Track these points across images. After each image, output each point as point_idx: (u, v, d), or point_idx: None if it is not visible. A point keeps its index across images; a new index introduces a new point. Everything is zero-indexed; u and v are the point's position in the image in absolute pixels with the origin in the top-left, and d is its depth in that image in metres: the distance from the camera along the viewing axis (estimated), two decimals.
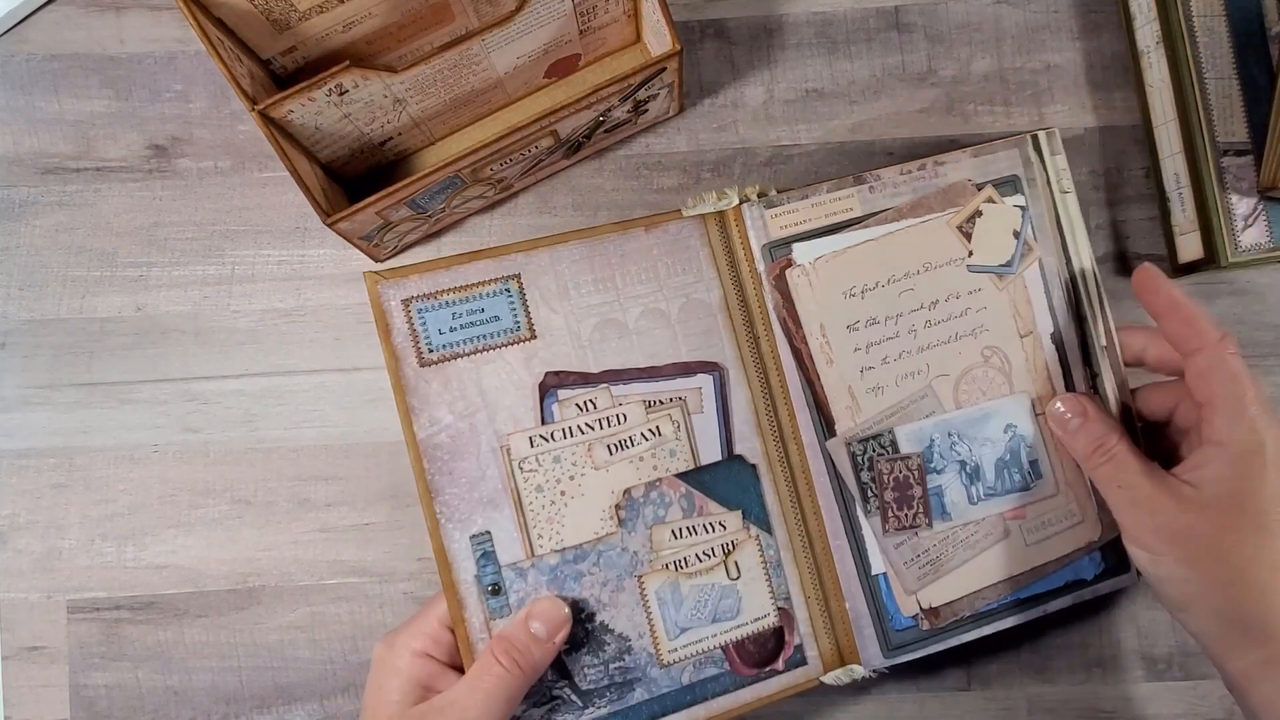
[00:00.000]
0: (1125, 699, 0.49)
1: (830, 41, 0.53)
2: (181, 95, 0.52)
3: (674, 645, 0.43)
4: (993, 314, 0.45)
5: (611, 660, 0.42)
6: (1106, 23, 0.53)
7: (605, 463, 0.43)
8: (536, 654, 0.39)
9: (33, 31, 0.52)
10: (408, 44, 0.47)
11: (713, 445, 0.44)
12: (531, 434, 0.42)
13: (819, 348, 0.44)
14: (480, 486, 0.41)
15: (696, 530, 0.43)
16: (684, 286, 0.44)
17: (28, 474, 0.49)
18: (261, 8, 0.41)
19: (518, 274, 0.43)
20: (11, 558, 0.49)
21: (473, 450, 0.41)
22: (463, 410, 0.41)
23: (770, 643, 0.44)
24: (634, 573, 0.42)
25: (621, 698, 0.42)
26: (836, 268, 0.45)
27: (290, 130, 0.43)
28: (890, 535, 0.44)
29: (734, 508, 0.44)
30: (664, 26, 0.44)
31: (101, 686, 0.48)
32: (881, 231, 0.45)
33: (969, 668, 0.49)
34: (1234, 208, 0.47)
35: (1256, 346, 0.51)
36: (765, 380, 0.44)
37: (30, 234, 0.50)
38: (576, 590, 0.42)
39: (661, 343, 0.44)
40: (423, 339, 0.41)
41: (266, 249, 0.51)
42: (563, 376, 0.42)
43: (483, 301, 0.42)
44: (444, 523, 0.41)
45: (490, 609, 0.41)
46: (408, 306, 0.41)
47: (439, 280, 0.42)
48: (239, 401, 0.50)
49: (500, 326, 0.42)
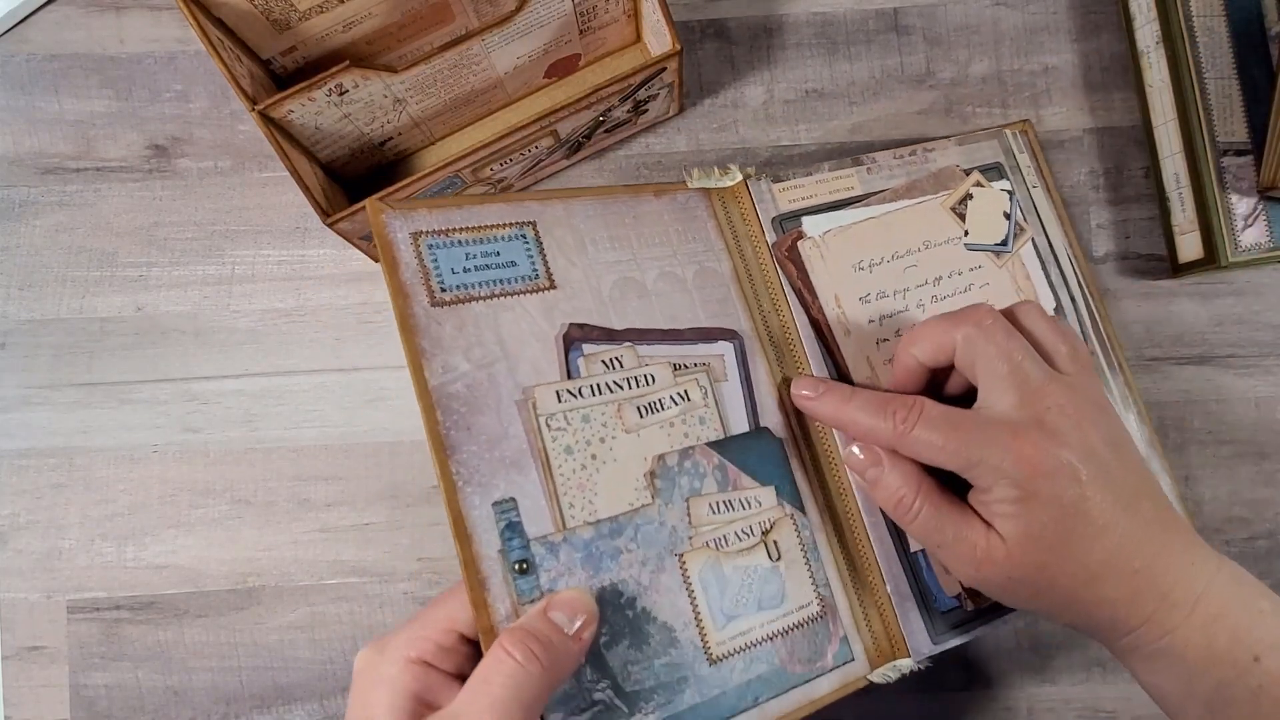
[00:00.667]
0: (1125, 699, 0.49)
1: (830, 42, 0.53)
2: (181, 95, 0.52)
3: (722, 637, 0.38)
4: (996, 289, 0.46)
5: (657, 655, 0.36)
6: (1105, 24, 0.53)
7: (636, 426, 0.39)
8: (559, 646, 0.33)
9: (33, 31, 0.52)
10: (408, 44, 0.47)
11: (739, 415, 0.41)
12: (559, 388, 0.38)
13: (836, 318, 0.44)
14: (502, 445, 0.36)
15: (733, 505, 0.40)
16: (696, 254, 0.43)
17: (28, 474, 0.49)
18: (261, 8, 0.41)
19: (533, 221, 0.40)
20: (11, 558, 0.49)
21: (492, 403, 0.36)
22: (480, 358, 0.37)
23: (817, 635, 0.40)
24: (674, 550, 0.38)
25: (671, 700, 0.36)
26: (844, 242, 0.45)
27: (290, 130, 0.43)
28: None
29: (766, 483, 0.41)
30: (664, 26, 0.44)
31: (101, 686, 0.48)
32: (881, 210, 0.46)
33: (969, 668, 0.49)
34: (1234, 208, 0.47)
35: (1257, 346, 0.51)
36: (779, 352, 0.43)
37: (30, 234, 0.51)
38: (614, 571, 0.37)
39: (680, 306, 0.42)
40: (434, 276, 0.37)
41: (266, 249, 0.51)
42: (587, 330, 0.39)
43: (498, 245, 0.39)
44: (462, 486, 0.35)
45: (519, 590, 0.35)
46: (417, 240, 0.37)
47: (451, 218, 0.38)
48: (239, 401, 0.50)
49: (518, 273, 0.39)
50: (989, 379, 0.38)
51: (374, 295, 0.51)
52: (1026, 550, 0.35)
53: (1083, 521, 0.35)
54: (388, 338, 0.50)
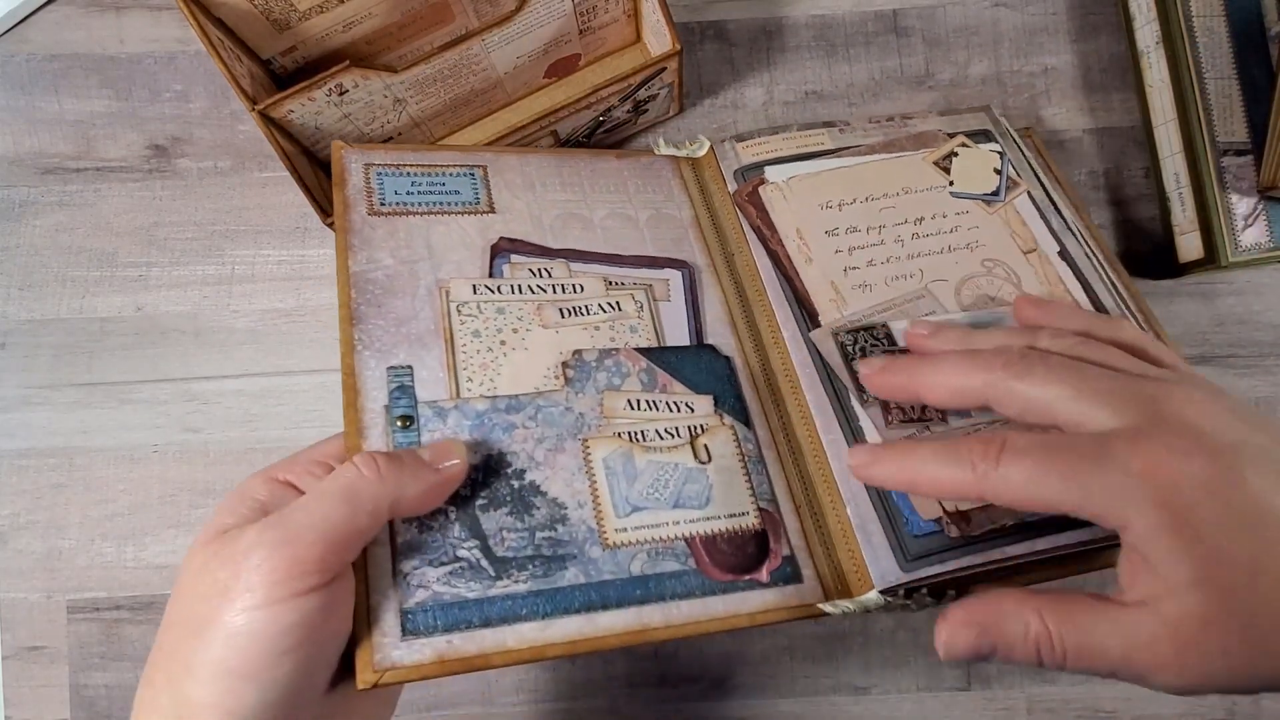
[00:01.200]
0: (1125, 699, 0.49)
1: (829, 44, 0.53)
2: (181, 95, 0.52)
3: (623, 524, 0.35)
4: (987, 232, 0.42)
5: (540, 528, 0.34)
6: (1104, 25, 0.53)
7: (555, 324, 0.38)
8: (409, 468, 0.32)
9: (33, 31, 0.52)
10: (408, 44, 0.47)
11: (680, 333, 0.40)
12: (475, 282, 0.38)
13: (796, 249, 0.42)
14: (410, 325, 0.37)
15: (658, 406, 0.38)
16: (653, 202, 0.43)
17: (28, 474, 0.49)
18: (261, 8, 0.41)
19: (484, 165, 0.42)
20: (11, 558, 0.49)
21: (409, 291, 0.37)
22: (405, 257, 0.38)
23: (750, 548, 0.36)
24: (578, 435, 0.36)
25: (548, 574, 0.33)
26: (811, 186, 0.43)
27: (290, 130, 0.43)
28: (895, 428, 0.37)
29: (704, 393, 0.39)
30: (664, 27, 0.44)
31: (101, 686, 0.48)
32: (854, 162, 0.44)
33: (969, 668, 0.49)
34: (1234, 208, 0.47)
35: (1256, 346, 0.51)
36: (739, 287, 0.42)
37: (30, 234, 0.51)
38: (505, 443, 0.35)
39: (628, 240, 0.41)
40: (376, 194, 0.40)
41: (266, 249, 0.51)
42: (518, 244, 0.40)
43: (444, 178, 0.41)
44: (361, 350, 0.36)
45: (396, 443, 0.34)
46: (368, 169, 0.40)
47: (404, 157, 0.41)
48: (239, 401, 0.50)
49: (459, 199, 0.40)
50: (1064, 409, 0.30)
51: None
52: (1207, 596, 0.26)
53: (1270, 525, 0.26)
54: None
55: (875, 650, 0.49)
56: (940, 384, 0.34)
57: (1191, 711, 0.49)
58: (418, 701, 0.48)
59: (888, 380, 0.36)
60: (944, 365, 0.34)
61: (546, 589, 0.33)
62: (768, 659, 0.49)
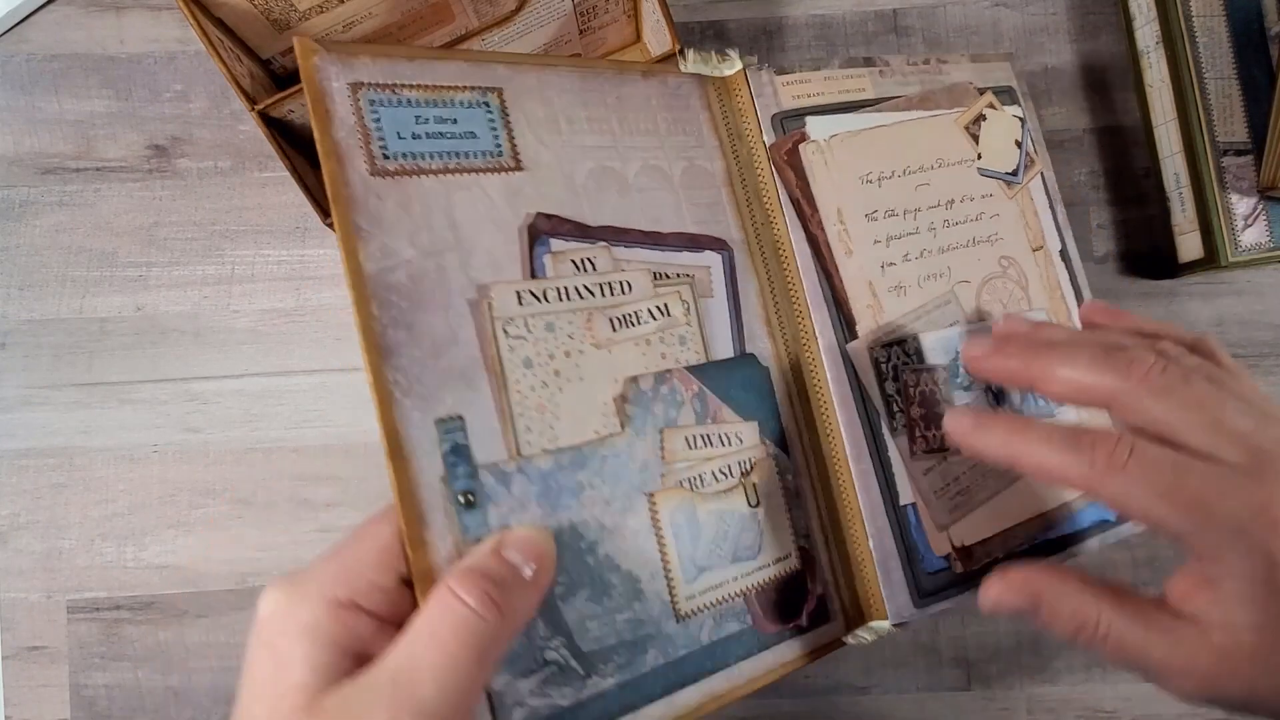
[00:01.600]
0: (1125, 699, 0.49)
1: (829, 44, 0.53)
2: (181, 95, 0.52)
3: (691, 590, 0.33)
4: (1005, 222, 0.43)
5: (619, 609, 0.31)
6: (1104, 25, 0.53)
7: (608, 341, 0.33)
8: (515, 593, 0.27)
9: (33, 31, 0.52)
10: (408, 44, 0.47)
11: (724, 337, 0.36)
12: (521, 288, 0.32)
13: (837, 235, 0.39)
14: (450, 352, 0.30)
15: (712, 440, 0.34)
16: (685, 148, 0.37)
17: (28, 474, 0.49)
18: (261, 8, 0.41)
19: (499, 88, 0.33)
20: (11, 558, 0.49)
21: (440, 300, 0.30)
22: (427, 245, 0.30)
23: (791, 590, 0.35)
24: (644, 489, 0.33)
25: (632, 663, 0.31)
26: (852, 149, 0.40)
27: (290, 130, 0.43)
28: (919, 459, 0.38)
29: (749, 418, 0.36)
30: (664, 26, 0.44)
31: (101, 686, 0.48)
32: (893, 119, 0.42)
33: (969, 668, 0.49)
34: (1234, 208, 0.47)
35: (1256, 346, 0.51)
36: (776, 271, 0.38)
37: (30, 234, 0.51)
38: (575, 509, 0.31)
39: (665, 207, 0.36)
40: (375, 139, 0.30)
41: (266, 249, 0.51)
42: (555, 223, 0.33)
43: (455, 110, 0.32)
44: (400, 398, 0.29)
45: (464, 527, 0.29)
46: (356, 93, 0.30)
47: (399, 71, 0.32)
48: (239, 401, 0.50)
49: (477, 146, 0.32)
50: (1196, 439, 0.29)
51: None
52: (1261, 640, 0.27)
53: None
54: None
55: (875, 650, 0.49)
56: (1066, 377, 0.31)
57: (1192, 712, 0.49)
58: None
59: (1000, 365, 0.33)
60: (1076, 357, 0.31)
61: (631, 679, 0.31)
62: None
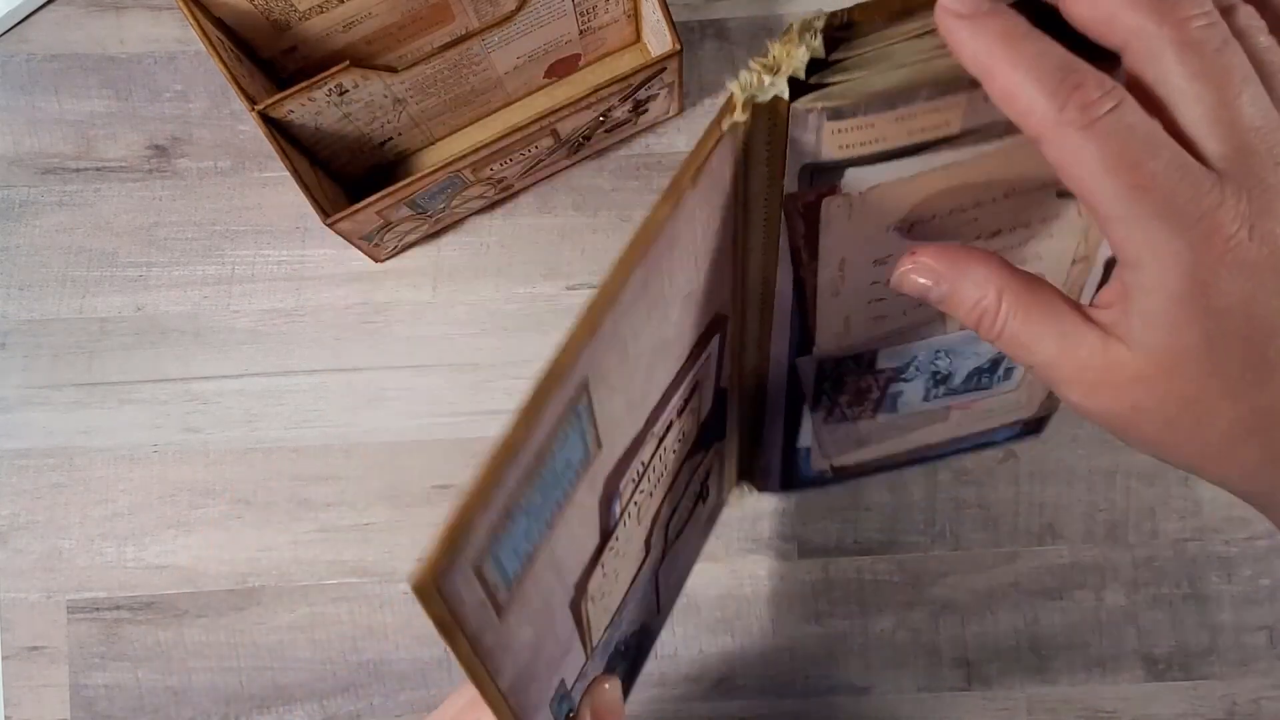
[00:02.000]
0: (1125, 699, 0.49)
1: None
2: (181, 95, 0.52)
3: None
4: (1058, 243, 0.34)
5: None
6: None
7: (648, 515, 0.34)
8: None
9: (33, 31, 0.52)
10: (408, 44, 0.47)
11: (707, 395, 0.36)
12: (603, 564, 0.31)
13: (828, 279, 0.33)
14: (555, 647, 0.30)
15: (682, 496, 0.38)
16: (712, 235, 0.29)
17: (28, 474, 0.49)
18: (261, 8, 0.41)
19: (585, 380, 0.25)
20: (11, 558, 0.49)
21: (550, 634, 0.29)
22: (543, 619, 0.28)
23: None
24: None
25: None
26: (895, 195, 0.30)
27: (290, 130, 0.43)
28: (830, 425, 0.41)
29: (710, 442, 0.39)
30: (664, 26, 0.44)
31: (101, 686, 0.48)
32: (971, 154, 0.29)
33: (969, 668, 0.49)
34: None
35: None
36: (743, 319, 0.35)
37: (30, 234, 0.50)
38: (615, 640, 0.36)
39: (685, 324, 0.30)
40: (498, 590, 0.24)
41: (266, 249, 0.51)
42: (620, 466, 0.30)
43: (555, 461, 0.24)
44: (525, 715, 0.29)
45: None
46: (480, 572, 0.23)
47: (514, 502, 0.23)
48: (239, 401, 0.50)
49: (571, 470, 0.26)
50: (1184, 106, 0.23)
51: (374, 295, 0.51)
52: (1169, 374, 0.24)
53: (1271, 345, 0.24)
54: (388, 338, 0.50)
55: (875, 650, 0.49)
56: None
57: (1192, 711, 0.49)
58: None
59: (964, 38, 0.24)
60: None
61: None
62: (768, 659, 0.49)
